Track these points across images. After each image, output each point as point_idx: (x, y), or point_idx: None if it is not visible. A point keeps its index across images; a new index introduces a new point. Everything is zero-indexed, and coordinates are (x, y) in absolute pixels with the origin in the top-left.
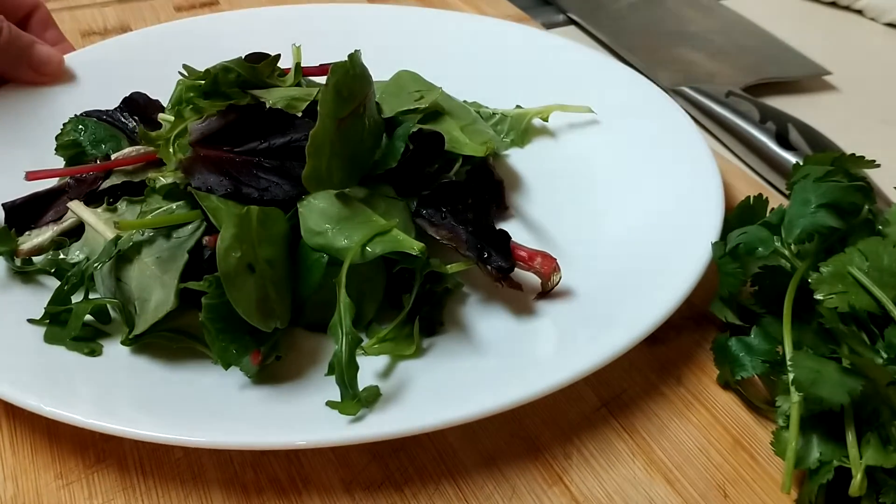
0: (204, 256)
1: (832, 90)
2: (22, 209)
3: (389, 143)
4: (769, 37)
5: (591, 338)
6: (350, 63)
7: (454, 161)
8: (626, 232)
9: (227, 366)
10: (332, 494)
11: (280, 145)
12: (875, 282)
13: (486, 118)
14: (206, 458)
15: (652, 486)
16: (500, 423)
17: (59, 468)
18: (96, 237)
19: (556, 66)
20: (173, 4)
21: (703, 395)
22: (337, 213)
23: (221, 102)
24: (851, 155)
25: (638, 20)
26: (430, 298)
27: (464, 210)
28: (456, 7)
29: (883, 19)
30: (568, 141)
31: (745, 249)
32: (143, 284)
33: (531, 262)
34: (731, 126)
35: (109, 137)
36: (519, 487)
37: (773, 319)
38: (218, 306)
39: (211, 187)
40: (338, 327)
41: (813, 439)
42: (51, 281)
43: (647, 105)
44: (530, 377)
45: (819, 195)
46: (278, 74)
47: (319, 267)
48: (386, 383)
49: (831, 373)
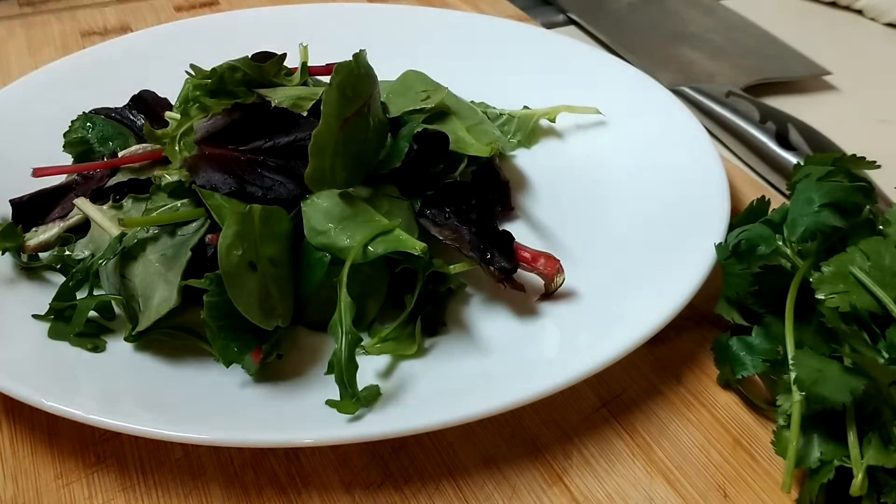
0: (207, 254)
1: (832, 90)
2: (29, 206)
3: (394, 142)
4: (769, 37)
5: (593, 339)
6: (355, 63)
7: (459, 161)
8: (631, 233)
9: (228, 363)
10: (332, 494)
11: (285, 144)
12: (876, 281)
13: (494, 119)
14: (206, 457)
15: (652, 486)
16: (500, 423)
17: (59, 468)
18: (102, 234)
19: (563, 66)
20: (173, 4)
21: (703, 395)
22: (340, 212)
23: (227, 101)
24: (852, 155)
25: (638, 20)
26: (433, 298)
27: (468, 210)
28: (456, 7)
29: (883, 19)
30: (575, 142)
31: (746, 247)
32: (146, 281)
33: (534, 263)
34: (731, 126)
35: (117, 135)
36: (519, 487)
37: (774, 319)
38: (219, 304)
39: (215, 185)
40: (338, 326)
41: (814, 439)
42: (56, 277)
43: (654, 106)
44: (532, 378)
45: (822, 194)
46: (285, 74)
47: (322, 266)
48: (387, 383)
49: (833, 372)
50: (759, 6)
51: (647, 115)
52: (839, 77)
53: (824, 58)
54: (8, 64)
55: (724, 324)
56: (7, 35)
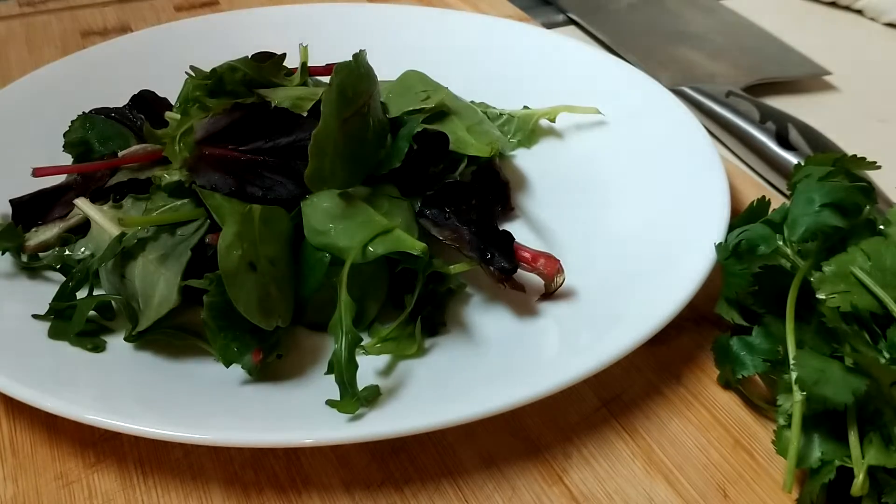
0: (207, 254)
1: (832, 90)
2: (29, 205)
3: (394, 142)
4: (769, 37)
5: (593, 339)
6: (355, 63)
7: (459, 161)
8: (631, 233)
9: (228, 363)
10: (332, 494)
11: (285, 144)
12: (877, 282)
13: (493, 119)
14: (206, 457)
15: (652, 486)
16: (500, 423)
17: (59, 468)
18: (102, 234)
19: (563, 66)
20: (173, 4)
21: (703, 395)
22: (340, 212)
23: (227, 101)
24: (853, 156)
25: (638, 20)
26: (433, 299)
27: (468, 210)
28: (456, 7)
29: (883, 19)
30: (575, 142)
31: (746, 247)
32: (146, 281)
33: (534, 263)
34: (731, 126)
35: (117, 135)
36: (519, 487)
37: (774, 319)
38: (219, 304)
39: (215, 185)
40: (338, 326)
41: (814, 438)
42: (56, 277)
43: (654, 106)
44: (532, 378)
45: (823, 194)
46: (285, 74)
47: (322, 266)
48: (387, 383)
49: (835, 372)
50: (759, 6)
51: (647, 115)
52: (839, 77)
53: (824, 58)
54: (8, 64)
55: (724, 324)
56: (7, 35)
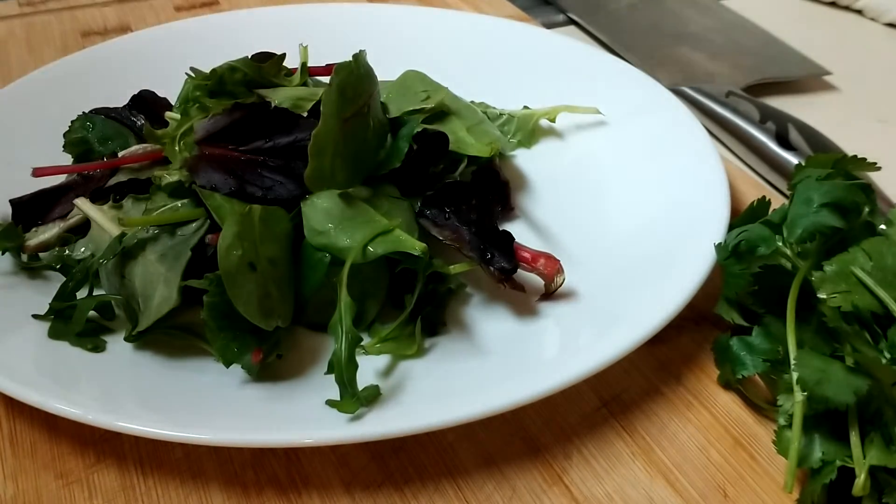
0: (207, 254)
1: (832, 90)
2: (29, 205)
3: (394, 142)
4: (769, 37)
5: (593, 339)
6: (355, 63)
7: (459, 161)
8: (631, 233)
9: (228, 363)
10: (331, 494)
11: (285, 145)
12: (878, 281)
13: (494, 119)
14: (206, 457)
15: (652, 486)
16: (500, 423)
17: (59, 468)
18: (102, 234)
19: (563, 66)
20: (173, 4)
21: (703, 395)
22: (340, 212)
23: (227, 101)
24: (853, 156)
25: (638, 20)
26: (433, 299)
27: (468, 210)
28: (456, 7)
29: (883, 19)
30: (575, 142)
31: (746, 247)
32: (146, 281)
33: (534, 263)
34: (731, 126)
35: (117, 135)
36: (519, 487)
37: (774, 319)
38: (219, 304)
39: (215, 185)
40: (338, 326)
41: (815, 438)
42: (56, 277)
43: (654, 106)
44: (532, 378)
45: (822, 194)
46: (285, 74)
47: (322, 266)
48: (387, 383)
49: (836, 372)
50: (759, 6)
51: (647, 115)
52: (839, 77)
53: (824, 58)
54: (8, 64)
55: (724, 324)
56: (7, 35)
